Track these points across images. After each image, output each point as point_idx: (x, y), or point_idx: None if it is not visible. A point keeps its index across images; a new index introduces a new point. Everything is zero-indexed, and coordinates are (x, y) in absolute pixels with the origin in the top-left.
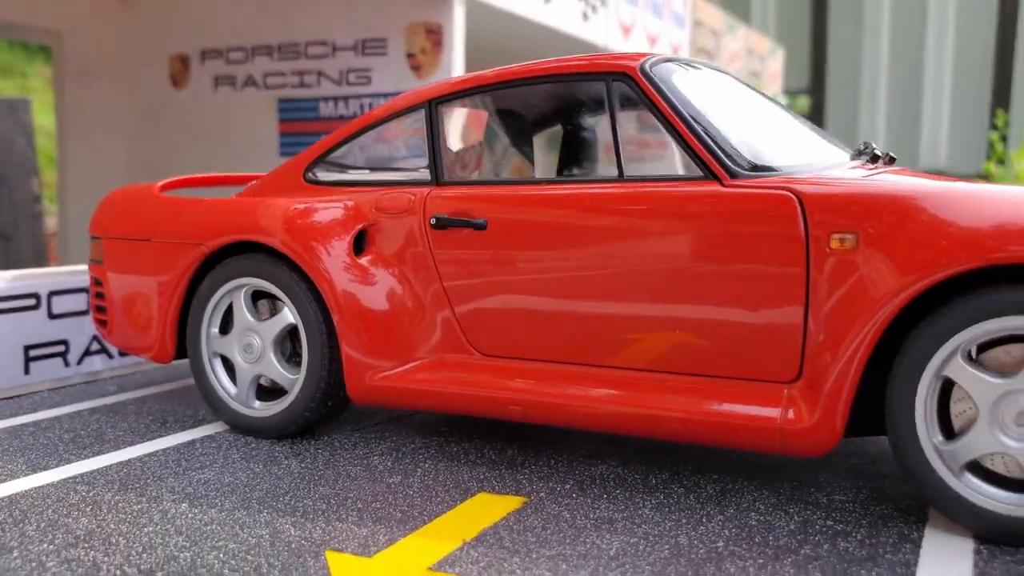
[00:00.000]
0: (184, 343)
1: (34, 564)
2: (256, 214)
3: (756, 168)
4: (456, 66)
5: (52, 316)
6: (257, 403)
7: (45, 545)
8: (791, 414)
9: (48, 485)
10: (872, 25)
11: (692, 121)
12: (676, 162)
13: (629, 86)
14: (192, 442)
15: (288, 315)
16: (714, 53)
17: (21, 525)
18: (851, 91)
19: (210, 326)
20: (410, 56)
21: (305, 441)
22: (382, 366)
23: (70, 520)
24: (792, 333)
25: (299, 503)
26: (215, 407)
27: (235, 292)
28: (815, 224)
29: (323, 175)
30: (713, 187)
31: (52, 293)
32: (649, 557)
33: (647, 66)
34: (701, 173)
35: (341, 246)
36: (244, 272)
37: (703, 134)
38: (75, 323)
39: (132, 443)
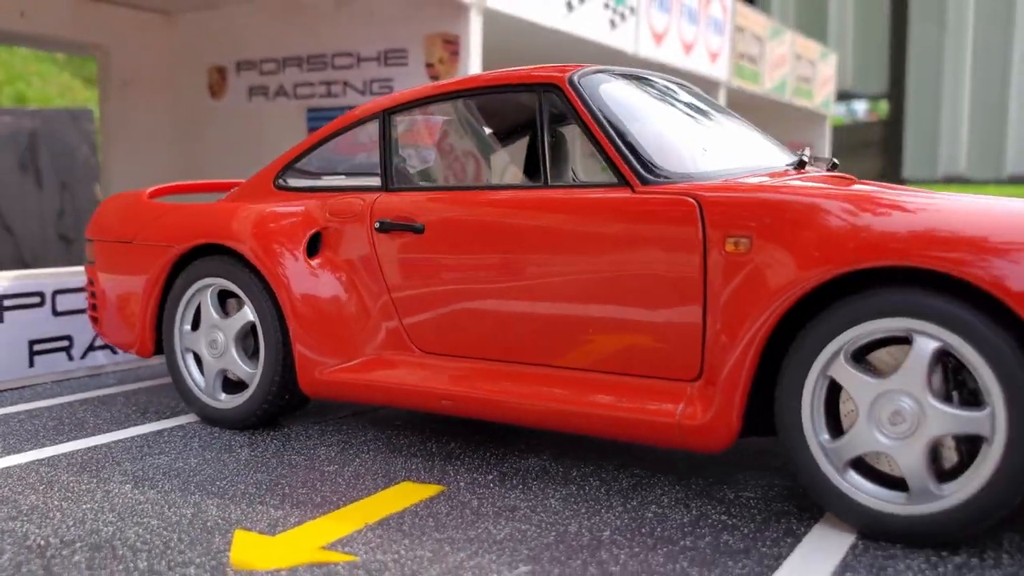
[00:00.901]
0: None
1: None
2: (219, 218)
3: (668, 175)
4: (472, 74)
5: (56, 313)
6: (223, 395)
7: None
8: (688, 411)
9: (15, 466)
10: (955, 26)
11: (610, 130)
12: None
13: (559, 97)
14: (161, 431)
15: (248, 313)
16: (757, 58)
17: None
18: (932, 95)
19: (182, 323)
20: (429, 66)
21: (265, 432)
22: (330, 362)
23: (20, 497)
24: (693, 333)
25: (233, 487)
26: (186, 399)
27: (203, 291)
28: (712, 228)
29: (291, 181)
30: (624, 193)
31: (56, 292)
32: (532, 543)
33: (575, 78)
34: (616, 180)
35: (294, 249)
36: (210, 272)
37: (619, 143)
38: (79, 320)
39: (107, 431)
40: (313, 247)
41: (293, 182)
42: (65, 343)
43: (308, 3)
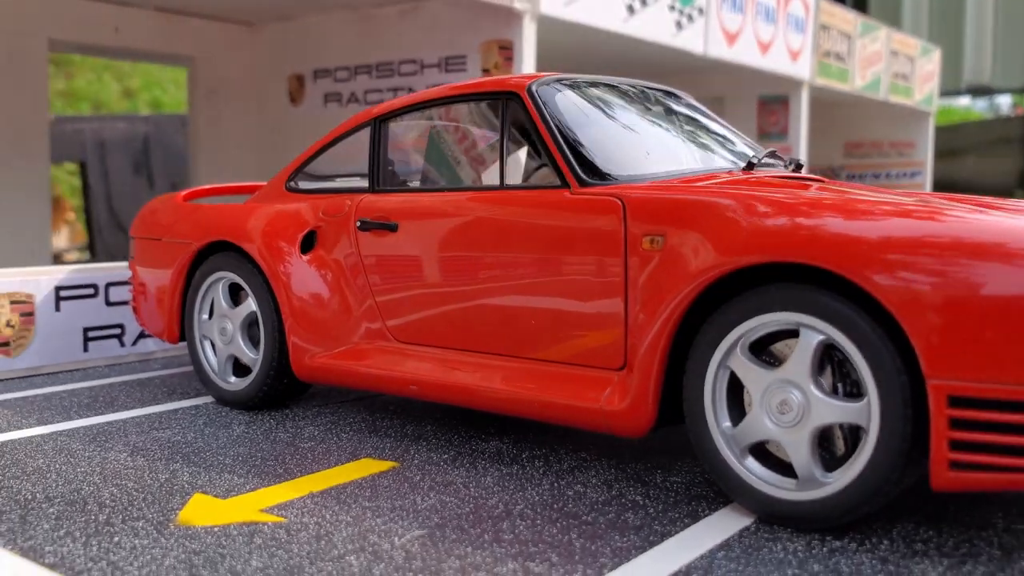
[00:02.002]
0: None
1: None
2: (229, 219)
3: (606, 177)
4: None
5: (109, 304)
6: (232, 378)
7: (1, 478)
8: (611, 398)
9: (40, 435)
10: None
11: (557, 136)
12: None
13: (518, 104)
14: (176, 410)
15: (251, 304)
16: (845, 56)
17: None
18: None
19: (200, 312)
20: (485, 71)
21: (268, 412)
22: (318, 350)
23: (29, 460)
24: (617, 325)
25: (213, 458)
26: (203, 381)
27: (216, 284)
28: (633, 226)
29: (299, 184)
30: (563, 194)
31: (109, 284)
32: (446, 512)
33: (533, 87)
34: (559, 181)
35: (290, 246)
36: (221, 267)
37: (564, 147)
38: (129, 310)
39: (130, 408)
40: (309, 245)
41: (301, 184)
42: (117, 331)
43: (377, 13)
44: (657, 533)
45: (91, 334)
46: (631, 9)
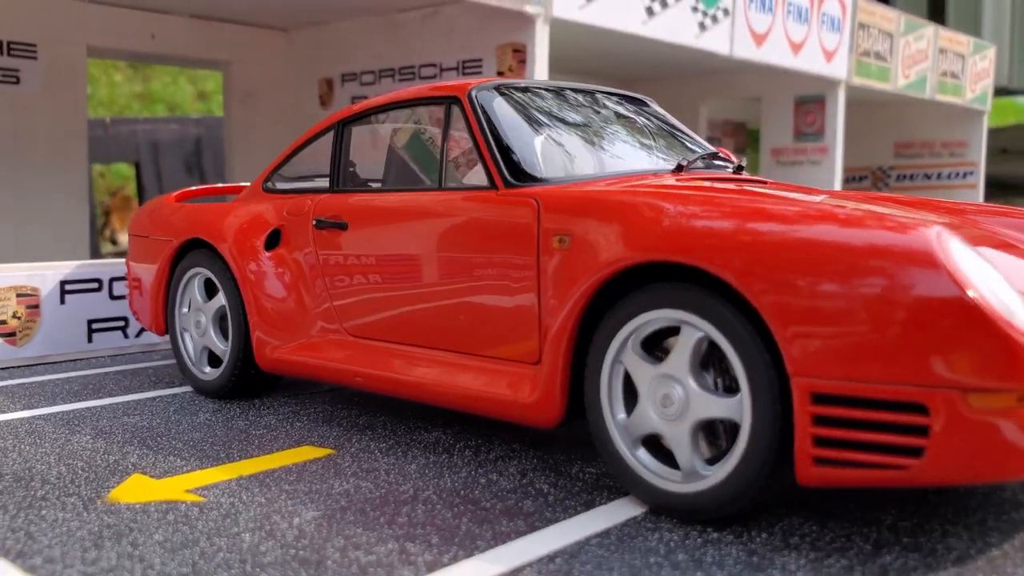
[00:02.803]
0: None
1: None
2: (204, 218)
3: (531, 179)
4: None
5: (113, 297)
6: (207, 369)
7: None
8: (524, 391)
9: (19, 419)
10: None
11: (490, 139)
12: None
13: (459, 109)
14: (155, 398)
15: (222, 298)
16: (886, 55)
17: None
18: None
19: (180, 306)
20: (499, 74)
21: (238, 401)
22: (278, 343)
23: (6, 442)
24: (532, 322)
25: (168, 443)
26: (182, 371)
27: (193, 279)
28: (545, 226)
29: (274, 185)
30: (490, 195)
31: (113, 279)
32: (357, 497)
33: (473, 92)
34: (488, 183)
35: (254, 244)
36: (198, 263)
37: (495, 150)
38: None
39: (113, 395)
40: (274, 243)
41: (275, 185)
42: (121, 323)
43: (400, 19)
44: (546, 519)
45: (95, 326)
46: (650, 11)
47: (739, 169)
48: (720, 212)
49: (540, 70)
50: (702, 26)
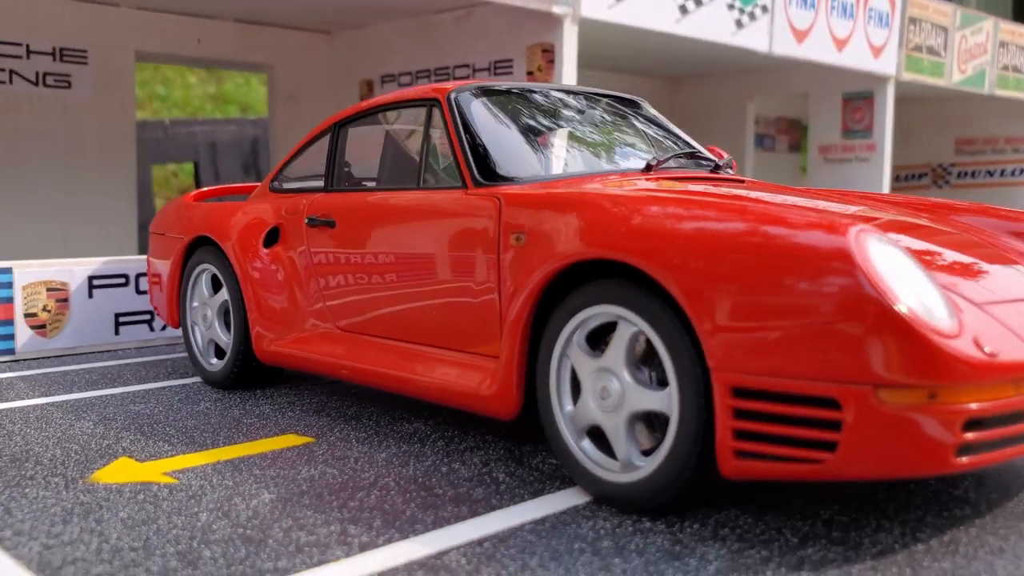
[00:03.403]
0: None
1: None
2: (211, 216)
3: (499, 178)
4: (567, 81)
5: (139, 292)
6: (214, 360)
7: None
8: (485, 383)
9: (34, 405)
10: None
11: (464, 140)
12: None
13: (439, 110)
14: (164, 388)
15: (225, 293)
16: (940, 49)
17: None
18: None
19: (191, 300)
20: (529, 74)
21: (240, 392)
22: (273, 336)
23: (10, 425)
24: (495, 317)
25: (162, 429)
26: (192, 362)
27: (201, 274)
28: (505, 225)
29: (279, 184)
30: (459, 194)
31: (139, 275)
32: (319, 482)
33: (452, 95)
34: (459, 183)
35: (254, 241)
36: (204, 260)
37: (467, 150)
38: None
39: (127, 385)
40: (272, 241)
41: (280, 185)
42: (147, 317)
43: (435, 20)
44: (491, 506)
45: (122, 319)
46: (684, 9)
47: (716, 168)
48: (651, 211)
49: (568, 69)
50: (739, 23)
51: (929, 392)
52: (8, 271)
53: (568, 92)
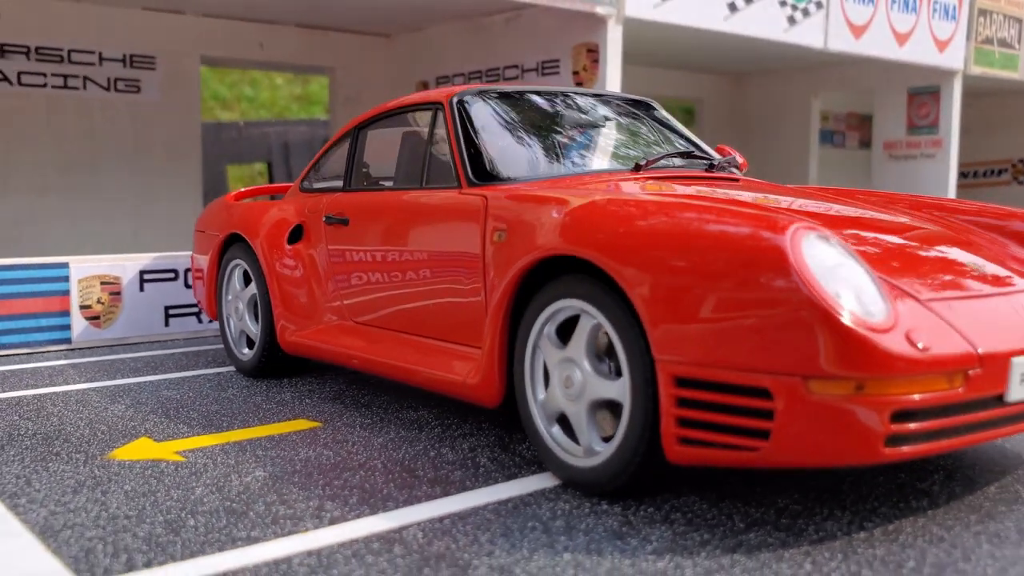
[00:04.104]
0: None
1: None
2: (241, 215)
3: (491, 179)
4: (611, 81)
5: (187, 286)
6: (245, 350)
7: (16, 418)
8: (471, 373)
9: (77, 390)
10: None
11: (461, 141)
12: None
13: (442, 114)
14: (198, 376)
15: (254, 287)
16: (1012, 42)
17: (18, 408)
18: None
19: (226, 293)
20: (575, 73)
21: (268, 380)
22: (295, 328)
23: (52, 407)
24: (481, 310)
25: (187, 413)
26: (227, 352)
27: (234, 269)
28: (489, 223)
29: (308, 184)
30: (454, 194)
31: (187, 269)
32: (313, 463)
33: (453, 99)
34: (455, 182)
35: (279, 239)
36: (236, 256)
37: (464, 152)
38: None
39: (166, 372)
40: (296, 238)
41: (308, 185)
42: (195, 309)
43: (487, 23)
44: (464, 488)
45: (172, 311)
46: (733, 7)
47: (711, 167)
48: (608, 211)
49: (613, 69)
50: (791, 20)
51: (857, 384)
52: (65, 266)
53: (574, 95)
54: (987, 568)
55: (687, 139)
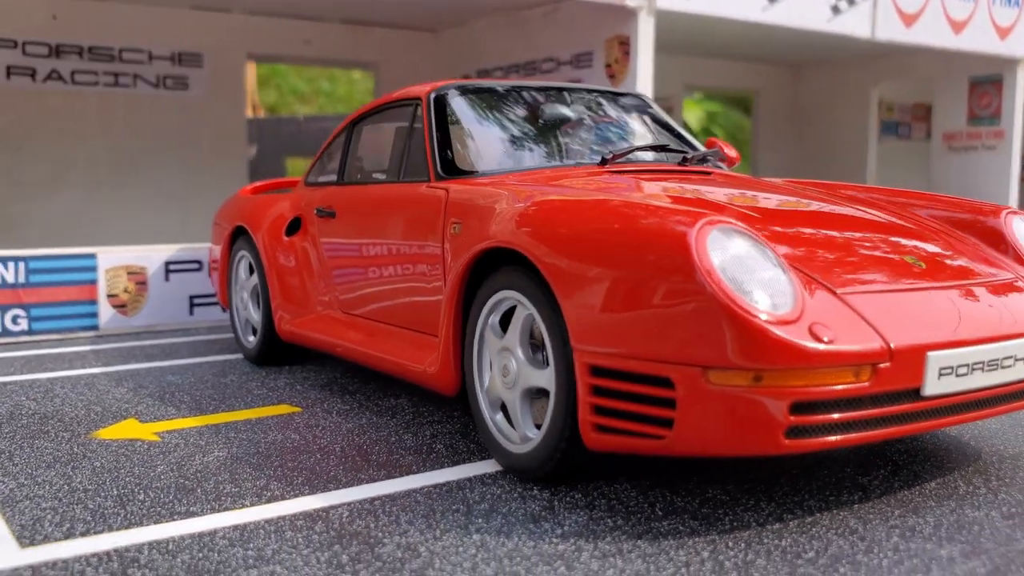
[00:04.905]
0: None
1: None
2: (250, 208)
3: (455, 172)
4: (641, 73)
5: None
6: (250, 338)
7: (23, 399)
8: (431, 362)
9: (89, 374)
10: None
11: (434, 136)
12: None
13: (420, 109)
14: (206, 362)
15: (256, 277)
16: None
17: (28, 390)
18: None
19: (234, 283)
20: (607, 66)
21: (270, 367)
22: (290, 317)
23: (59, 389)
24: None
25: (181, 397)
26: (236, 341)
27: (241, 260)
28: (448, 216)
29: (311, 178)
30: (423, 187)
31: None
32: (277, 446)
33: (432, 94)
34: (425, 176)
35: (276, 231)
36: (243, 247)
37: (435, 146)
38: None
39: (178, 358)
40: (293, 230)
41: (311, 179)
42: (218, 299)
43: (526, 16)
44: (408, 471)
45: (196, 301)
46: None
47: (684, 161)
48: (538, 204)
49: (644, 61)
50: (835, 9)
51: (755, 375)
52: (92, 256)
53: (562, 90)
54: (883, 561)
55: (675, 134)
